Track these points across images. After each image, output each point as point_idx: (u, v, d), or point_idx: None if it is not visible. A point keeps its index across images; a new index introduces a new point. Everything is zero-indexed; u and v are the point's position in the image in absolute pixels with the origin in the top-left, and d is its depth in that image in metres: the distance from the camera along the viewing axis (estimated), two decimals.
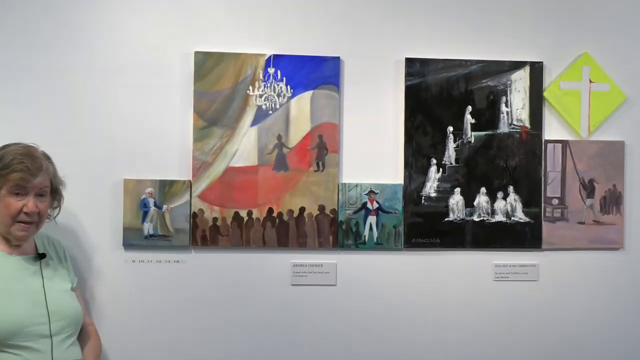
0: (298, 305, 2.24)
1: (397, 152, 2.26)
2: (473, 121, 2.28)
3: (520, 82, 2.30)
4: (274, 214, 2.20)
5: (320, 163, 2.22)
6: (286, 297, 2.23)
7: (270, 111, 2.20)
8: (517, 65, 2.30)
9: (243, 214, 2.19)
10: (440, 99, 2.27)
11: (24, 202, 1.74)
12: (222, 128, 2.18)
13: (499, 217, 2.29)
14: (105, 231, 2.16)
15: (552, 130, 2.32)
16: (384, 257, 2.26)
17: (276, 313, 2.22)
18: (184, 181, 2.17)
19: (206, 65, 2.17)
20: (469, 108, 2.28)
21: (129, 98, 2.17)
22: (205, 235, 2.18)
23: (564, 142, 2.33)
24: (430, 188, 2.28)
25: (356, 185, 2.24)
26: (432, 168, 2.27)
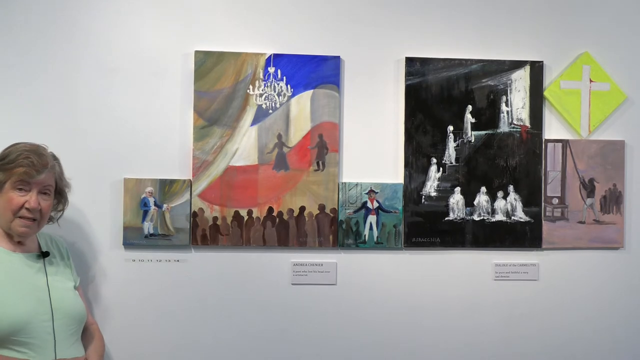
0: (298, 304, 2.23)
1: (398, 152, 2.26)
2: (473, 120, 2.28)
3: (520, 82, 2.30)
4: (274, 213, 2.20)
5: (320, 162, 2.22)
6: (286, 297, 2.23)
7: (270, 110, 2.20)
8: (518, 64, 2.30)
9: (243, 213, 2.19)
10: (440, 98, 2.26)
11: (27, 198, 1.73)
12: (222, 127, 2.18)
13: (499, 217, 2.29)
14: (105, 230, 2.15)
15: (552, 129, 2.32)
16: (384, 257, 2.26)
17: (276, 312, 2.21)
18: (184, 180, 2.17)
19: (206, 64, 2.17)
20: (469, 107, 2.28)
21: (130, 97, 2.17)
22: (205, 234, 2.17)
23: (564, 142, 2.33)
24: (430, 187, 2.27)
25: (356, 184, 2.24)
26: (433, 167, 2.27)
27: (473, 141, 2.28)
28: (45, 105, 2.13)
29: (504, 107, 2.29)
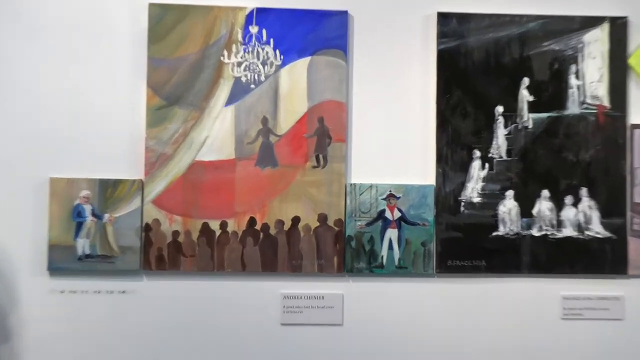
0: (290, 351, 2.03)
1: (427, 142, 2.05)
2: (531, 99, 2.05)
3: (596, 45, 2.08)
4: (257, 227, 2.01)
5: (320, 156, 2.02)
6: (274, 341, 2.03)
7: (252, 85, 2.01)
8: (592, 21, 2.08)
9: (214, 227, 1.99)
10: (485, 69, 2.06)
11: None
12: (186, 108, 1.99)
13: (568, 231, 2.06)
14: (23, 250, 1.96)
15: None
16: (409, 286, 2.06)
17: None
18: (134, 180, 1.98)
19: (164, 22, 1.99)
20: (526, 81, 2.06)
21: (59, 68, 1.98)
22: (162, 255, 1.99)
23: None
24: (472, 191, 2.06)
25: (370, 186, 2.03)
26: (475, 163, 2.05)
27: (531, 127, 2.06)
28: None
29: (574, 81, 2.07)
